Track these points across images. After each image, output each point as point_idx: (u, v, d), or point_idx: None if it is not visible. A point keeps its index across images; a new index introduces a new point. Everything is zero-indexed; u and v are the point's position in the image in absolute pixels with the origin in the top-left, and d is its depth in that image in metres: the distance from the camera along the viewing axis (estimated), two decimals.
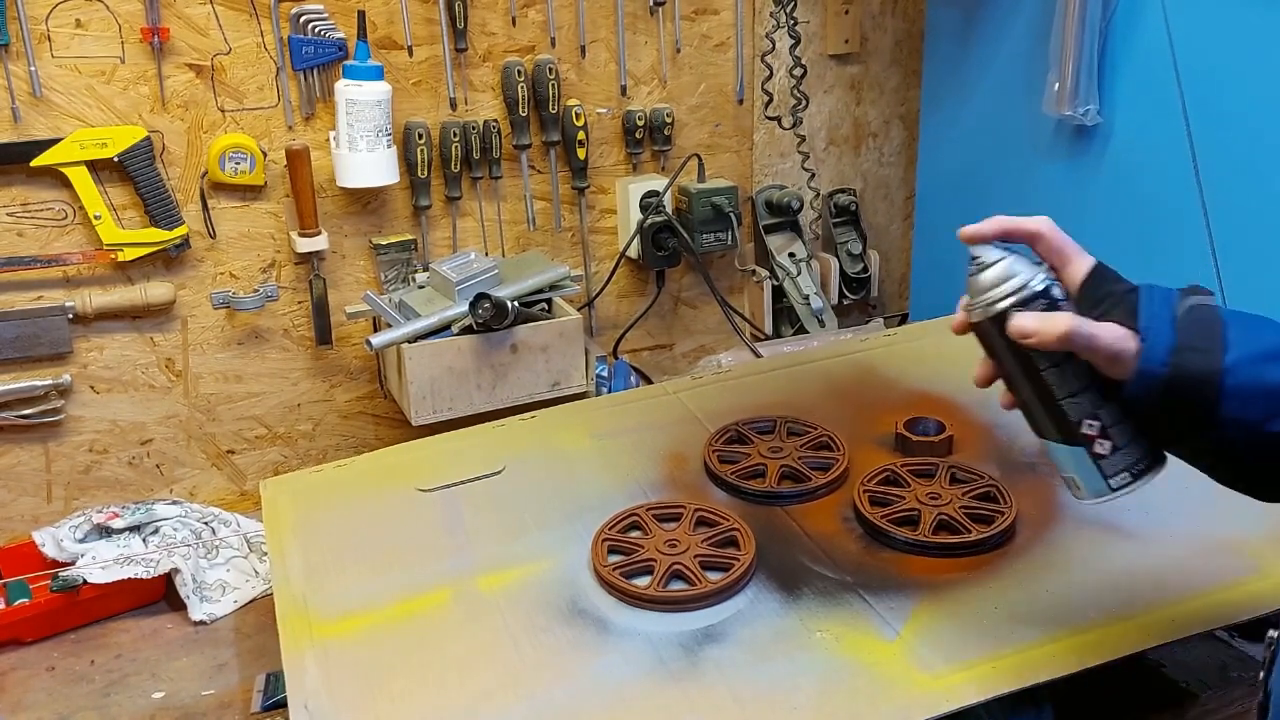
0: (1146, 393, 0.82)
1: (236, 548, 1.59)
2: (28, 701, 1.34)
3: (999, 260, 0.88)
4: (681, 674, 1.07)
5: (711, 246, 2.02)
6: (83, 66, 1.61)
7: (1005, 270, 0.87)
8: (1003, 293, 0.87)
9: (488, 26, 1.84)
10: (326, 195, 1.80)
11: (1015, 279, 0.86)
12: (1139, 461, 0.87)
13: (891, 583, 1.18)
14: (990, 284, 0.87)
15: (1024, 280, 0.86)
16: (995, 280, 0.87)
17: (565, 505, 1.36)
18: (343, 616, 1.20)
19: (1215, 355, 0.80)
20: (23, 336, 1.65)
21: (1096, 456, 0.87)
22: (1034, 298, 0.86)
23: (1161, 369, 0.81)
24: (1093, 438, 0.87)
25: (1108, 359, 0.83)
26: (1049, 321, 0.84)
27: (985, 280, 0.88)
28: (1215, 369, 0.80)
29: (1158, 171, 1.62)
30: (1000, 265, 0.87)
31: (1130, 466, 0.87)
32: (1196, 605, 1.11)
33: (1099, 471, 0.88)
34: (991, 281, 0.87)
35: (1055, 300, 0.86)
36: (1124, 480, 0.87)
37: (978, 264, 0.89)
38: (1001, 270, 0.87)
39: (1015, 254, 0.88)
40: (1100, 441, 0.87)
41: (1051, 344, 0.84)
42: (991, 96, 1.95)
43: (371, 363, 1.90)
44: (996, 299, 0.87)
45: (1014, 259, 0.88)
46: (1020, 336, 0.86)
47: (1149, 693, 1.24)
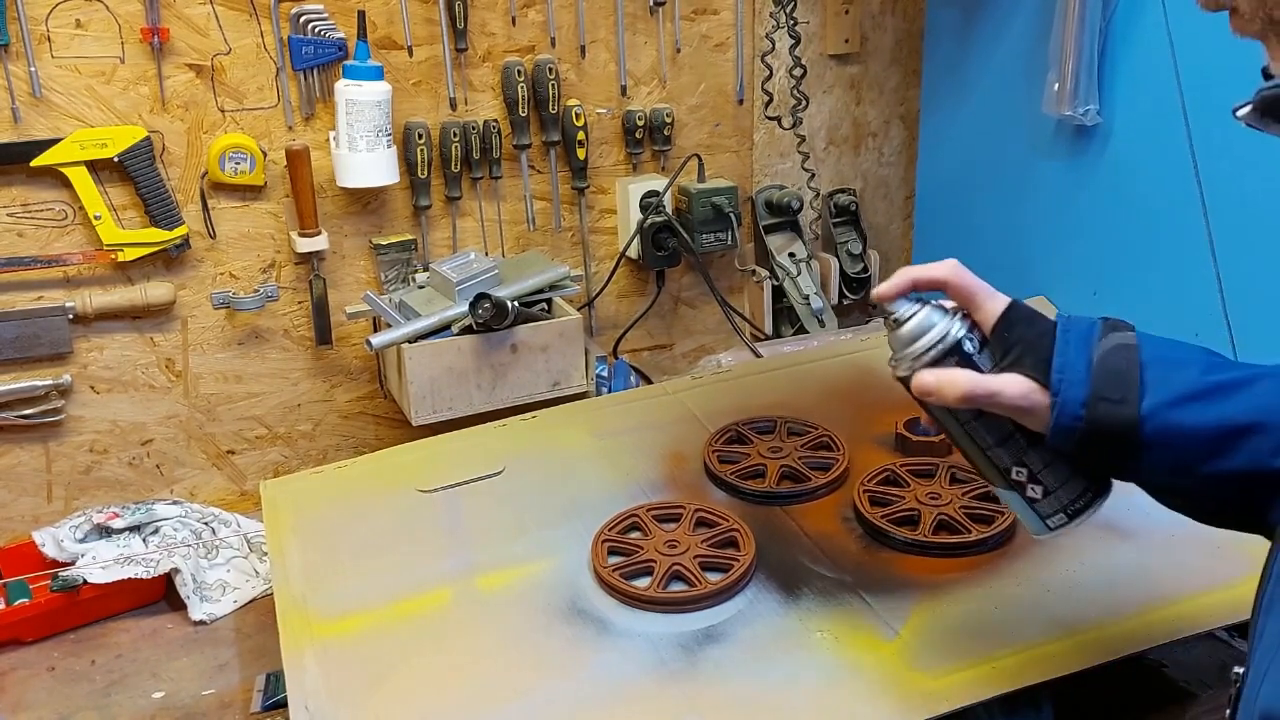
0: (1064, 443, 0.80)
1: (236, 548, 1.59)
2: (28, 701, 1.34)
3: (911, 317, 0.86)
4: (681, 674, 1.07)
5: (711, 246, 2.02)
6: (83, 67, 1.61)
7: (916, 327, 0.86)
8: (913, 351, 0.86)
9: (488, 26, 1.84)
10: (326, 195, 1.80)
11: (926, 336, 0.85)
12: (1075, 500, 0.85)
13: (891, 583, 1.18)
14: (904, 343, 0.87)
15: (935, 337, 0.85)
16: (908, 338, 0.86)
17: (565, 505, 1.36)
18: (343, 616, 1.20)
19: (1130, 404, 0.77)
20: (23, 336, 1.65)
21: (1030, 500, 0.86)
22: (946, 353, 0.84)
23: (1075, 423, 0.79)
24: (1023, 484, 0.86)
25: (1016, 413, 0.82)
26: (946, 381, 0.82)
27: (899, 338, 0.87)
28: (1131, 418, 0.77)
29: (1158, 171, 1.62)
30: (912, 322, 0.86)
31: (1065, 507, 0.85)
32: (1196, 605, 1.11)
33: (1036, 514, 0.87)
34: (905, 339, 0.86)
35: (967, 354, 0.84)
36: (1060, 520, 0.86)
37: (893, 320, 0.88)
38: (913, 328, 0.86)
39: (930, 305, 0.87)
40: (1031, 487, 0.85)
41: (952, 403, 0.83)
42: (991, 96, 1.95)
43: (371, 363, 1.90)
44: (910, 357, 0.86)
45: (926, 312, 0.86)
46: (923, 395, 0.85)
47: (1149, 693, 1.24)
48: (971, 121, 2.01)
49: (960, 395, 0.82)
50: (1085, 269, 1.77)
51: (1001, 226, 1.96)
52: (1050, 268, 1.84)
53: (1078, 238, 1.78)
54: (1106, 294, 1.73)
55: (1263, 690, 0.63)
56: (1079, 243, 1.78)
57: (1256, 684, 0.65)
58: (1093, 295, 1.75)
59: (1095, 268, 1.75)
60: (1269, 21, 0.68)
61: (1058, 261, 1.82)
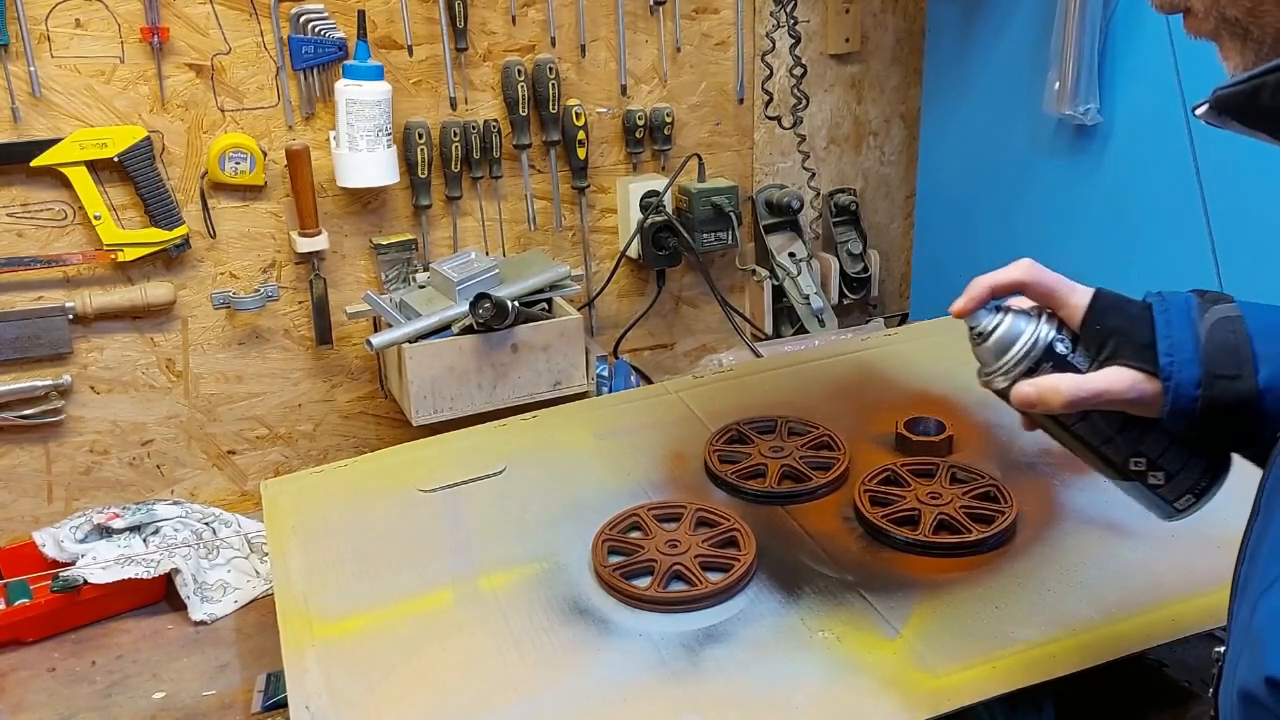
0: (1182, 427, 0.78)
1: (237, 548, 1.59)
2: (28, 702, 1.34)
3: (996, 328, 0.84)
4: (683, 674, 1.07)
5: (712, 246, 2.02)
6: (82, 66, 1.61)
7: (1002, 339, 0.84)
8: (1005, 364, 0.83)
9: (488, 26, 1.84)
10: (327, 195, 1.80)
11: (1015, 347, 0.83)
12: (1200, 479, 0.83)
13: (892, 582, 1.18)
14: (992, 355, 0.84)
15: (1024, 345, 0.82)
16: (996, 351, 0.84)
17: (566, 505, 1.36)
18: (344, 616, 1.20)
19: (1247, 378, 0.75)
20: (23, 337, 1.65)
21: (1153, 488, 0.84)
22: (1039, 360, 0.82)
23: (1192, 404, 0.76)
24: (1143, 472, 0.83)
25: (1127, 405, 0.79)
26: (1049, 389, 0.80)
27: (987, 351, 0.85)
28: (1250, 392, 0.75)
29: (1158, 171, 1.62)
30: (997, 334, 0.84)
31: (1191, 487, 0.83)
32: (1196, 605, 1.11)
33: (1162, 500, 0.85)
34: (993, 352, 0.84)
35: (1061, 356, 0.82)
36: (1188, 502, 0.84)
37: (976, 335, 0.85)
38: (999, 339, 0.84)
39: (1012, 312, 0.85)
40: (1152, 474, 0.83)
41: (1058, 411, 0.80)
42: (992, 95, 1.95)
43: (372, 363, 1.90)
44: (1003, 370, 0.84)
45: (1010, 320, 0.84)
46: (1025, 408, 0.82)
47: (1149, 693, 1.24)
48: (972, 120, 2.01)
49: (1064, 402, 0.79)
50: (1086, 268, 1.76)
51: (1002, 225, 1.96)
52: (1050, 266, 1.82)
53: (1078, 236, 1.78)
54: None
55: (1240, 669, 0.63)
56: (1079, 241, 1.78)
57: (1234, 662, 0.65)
58: None
59: (1095, 266, 1.75)
60: (1222, 20, 0.67)
61: (1058, 260, 1.79)
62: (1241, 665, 0.63)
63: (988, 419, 1.49)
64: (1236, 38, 0.67)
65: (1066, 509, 1.28)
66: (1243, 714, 0.62)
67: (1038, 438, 1.42)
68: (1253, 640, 0.62)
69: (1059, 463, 1.38)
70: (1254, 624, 0.63)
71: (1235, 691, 0.62)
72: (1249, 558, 0.69)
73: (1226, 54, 0.69)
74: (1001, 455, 1.40)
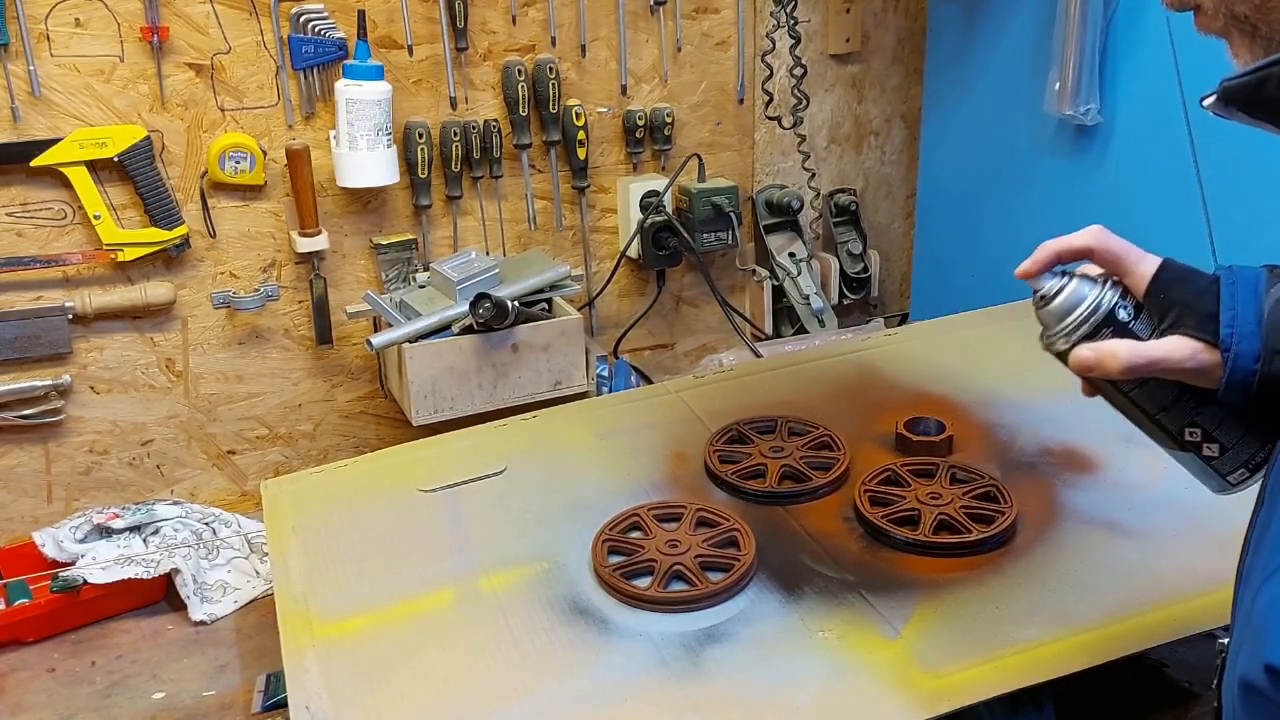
0: (1240, 399, 0.77)
1: (237, 548, 1.59)
2: (28, 703, 1.34)
3: (1059, 292, 0.84)
4: (684, 674, 1.07)
5: (712, 246, 2.02)
6: (82, 66, 1.61)
7: (1066, 302, 0.84)
8: (1068, 327, 0.83)
9: (488, 25, 1.84)
10: (327, 195, 1.80)
11: (1077, 310, 0.83)
12: (1256, 454, 0.83)
13: (892, 582, 1.18)
14: (1056, 318, 0.84)
15: (1087, 310, 0.82)
16: (1059, 314, 0.84)
17: (566, 505, 1.36)
18: (344, 617, 1.20)
19: None
20: (22, 337, 1.65)
21: (1207, 459, 0.84)
22: (1100, 325, 0.82)
23: (1250, 377, 0.76)
24: (1198, 444, 0.84)
25: (1185, 375, 0.79)
26: (1106, 354, 0.80)
27: (1050, 315, 0.85)
28: None
29: (1158, 171, 1.62)
30: (1061, 296, 0.84)
31: (1246, 461, 0.83)
32: (1196, 605, 1.11)
33: (1215, 472, 0.85)
34: (1055, 316, 0.84)
35: (1122, 323, 0.82)
36: (1242, 475, 0.84)
37: (1040, 297, 0.85)
38: (1062, 302, 0.84)
39: (1077, 276, 0.85)
40: (1207, 445, 0.83)
41: (1115, 376, 0.81)
42: (993, 95, 1.95)
43: (372, 362, 1.90)
44: (1064, 333, 0.84)
45: (1075, 285, 0.84)
46: (1084, 372, 0.83)
47: (1149, 693, 1.24)
48: (973, 120, 2.01)
49: (1122, 368, 0.79)
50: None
51: (1003, 225, 1.96)
52: None
53: None
54: None
55: (1240, 659, 0.63)
56: None
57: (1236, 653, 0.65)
58: None
59: None
60: (1231, 17, 0.68)
61: None
62: (1242, 655, 0.63)
63: (988, 419, 1.49)
64: (1245, 34, 0.68)
65: (1067, 509, 1.28)
66: (1243, 704, 0.62)
67: (1038, 438, 1.42)
68: (1254, 629, 0.62)
69: (1059, 463, 1.38)
70: (1255, 613, 0.63)
71: (1236, 681, 0.62)
72: (1253, 548, 0.69)
73: (1236, 51, 0.70)
74: (1001, 455, 1.40)
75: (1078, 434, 1.42)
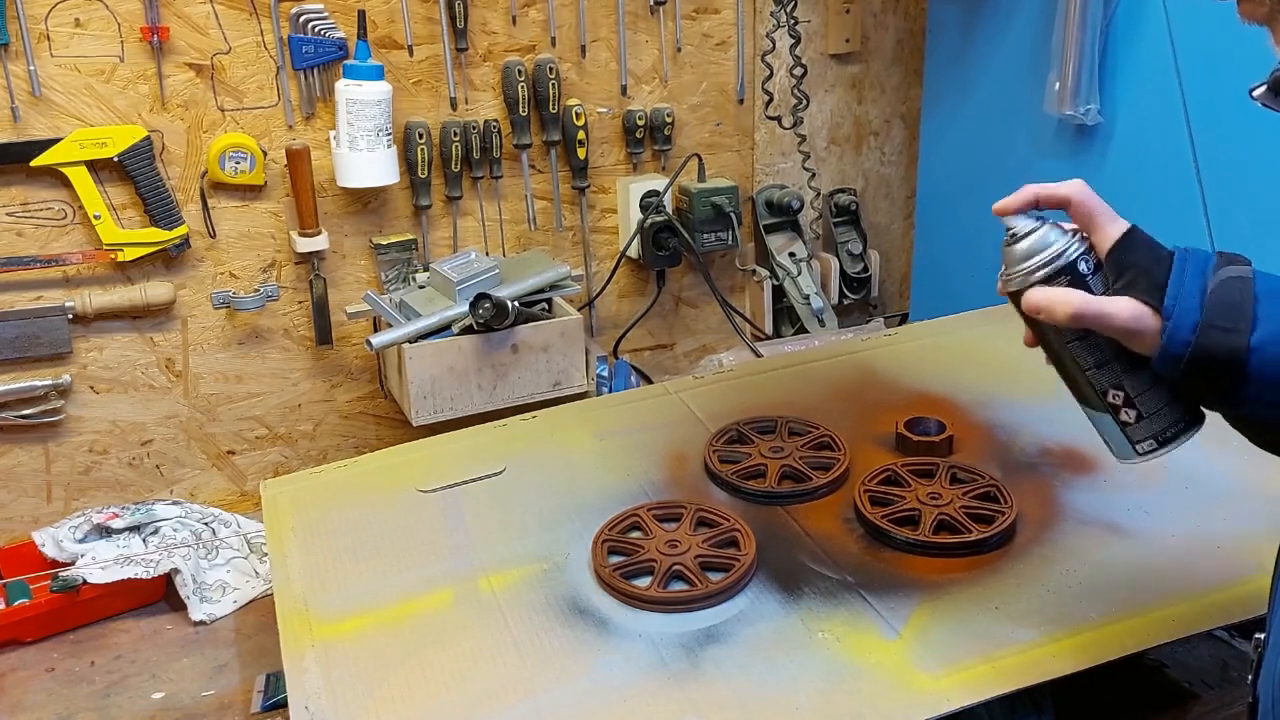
0: (1170, 369, 0.80)
1: (236, 548, 1.59)
2: (28, 702, 1.34)
3: (1030, 232, 0.87)
4: (683, 674, 1.07)
5: (712, 246, 2.02)
6: (82, 66, 1.61)
7: (1033, 244, 0.86)
8: (1027, 267, 0.86)
9: (488, 26, 1.84)
10: (327, 195, 1.80)
11: (1042, 253, 0.85)
12: (1168, 429, 0.86)
13: (892, 583, 1.18)
14: (1018, 258, 0.87)
15: (1051, 254, 0.85)
16: (1023, 254, 0.86)
17: (566, 505, 1.36)
18: (343, 617, 1.20)
19: (1241, 334, 0.77)
20: (23, 336, 1.65)
21: (1122, 424, 0.87)
22: (1059, 272, 0.85)
23: (1183, 348, 0.78)
24: (1118, 407, 0.86)
25: (1125, 335, 0.82)
26: (1059, 300, 0.82)
27: (1014, 253, 0.87)
28: (1240, 348, 0.77)
29: (1158, 171, 1.62)
30: (1030, 238, 0.86)
31: (1158, 434, 0.86)
32: (1196, 605, 1.11)
33: (1126, 438, 0.87)
34: (1020, 255, 0.86)
35: (1080, 274, 0.85)
36: (1150, 446, 0.87)
37: (1010, 235, 0.88)
38: (1030, 244, 0.86)
39: (1050, 224, 0.87)
40: (1125, 410, 0.86)
41: (1061, 322, 0.83)
42: (993, 95, 1.95)
43: (372, 363, 1.90)
44: (1023, 273, 0.86)
45: (1045, 229, 0.86)
46: (1032, 312, 0.85)
47: (1149, 693, 1.24)
48: (973, 121, 2.01)
49: (1070, 314, 0.82)
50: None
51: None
52: None
53: None
54: None
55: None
56: None
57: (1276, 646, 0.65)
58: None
59: None
60: (1277, 4, 0.68)
61: None
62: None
63: (988, 419, 1.49)
64: None
65: (1066, 509, 1.28)
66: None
67: (1038, 438, 1.42)
68: None
69: (1059, 463, 1.38)
70: None
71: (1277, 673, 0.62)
72: None
73: (1279, 38, 0.70)
74: (1001, 455, 1.40)
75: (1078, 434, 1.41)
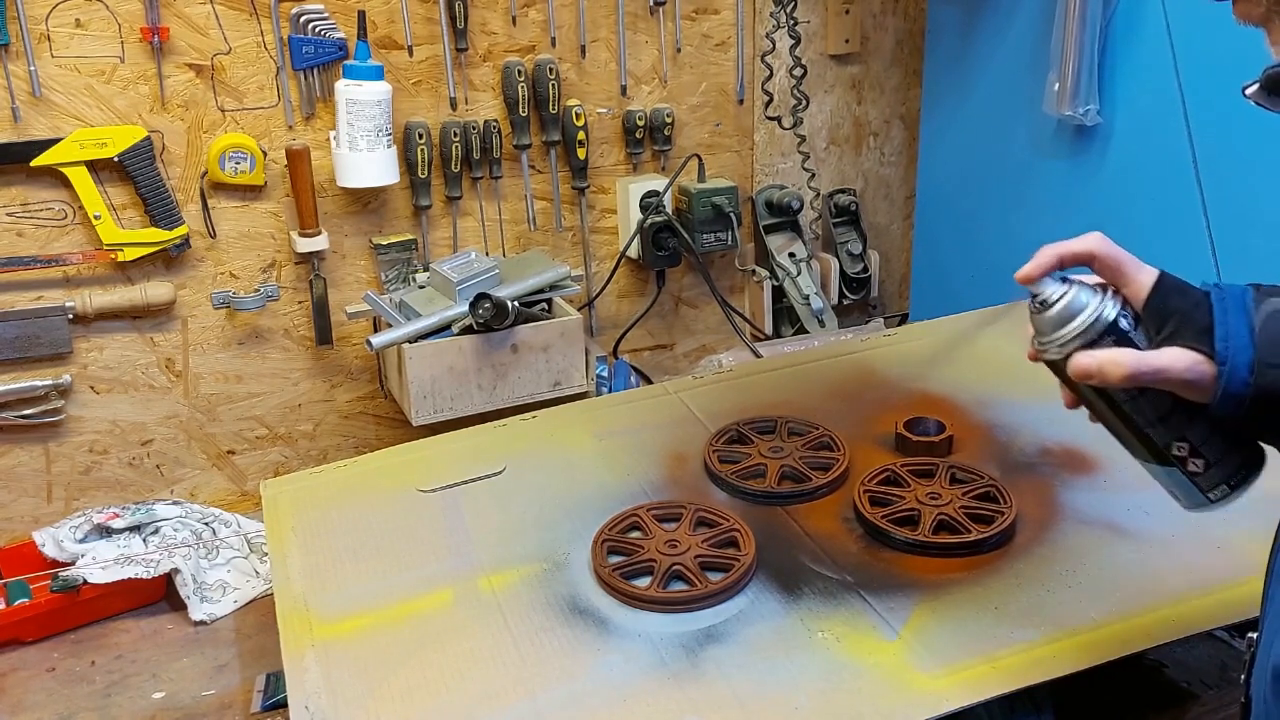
0: (1232, 411, 0.78)
1: (237, 548, 1.59)
2: (28, 702, 1.34)
3: (1060, 298, 0.83)
4: (682, 674, 1.07)
5: (712, 246, 2.02)
6: (82, 66, 1.61)
7: (1066, 308, 0.83)
8: (1067, 335, 0.82)
9: (488, 26, 1.84)
10: (327, 195, 1.80)
11: (1079, 318, 0.82)
12: (1237, 472, 0.83)
13: (892, 583, 1.18)
14: (1054, 325, 0.83)
15: (1088, 318, 0.82)
16: (1058, 321, 0.83)
17: (566, 505, 1.36)
18: (343, 616, 1.20)
19: None
20: (23, 336, 1.65)
21: (1191, 475, 0.84)
22: (1101, 334, 0.81)
23: (1243, 389, 0.76)
24: (1184, 458, 0.83)
25: (1181, 386, 0.79)
26: (1111, 363, 0.80)
27: (1048, 321, 0.84)
28: None
29: (1158, 171, 1.62)
30: (1061, 303, 0.83)
31: (1228, 479, 0.83)
32: (1196, 605, 1.11)
33: (1196, 488, 0.85)
34: (1054, 322, 0.83)
35: (1123, 332, 0.81)
36: (1223, 492, 0.84)
37: (1040, 302, 0.84)
38: (1063, 309, 0.83)
39: (1077, 284, 0.84)
40: (1193, 461, 0.83)
41: (1116, 383, 0.80)
42: (992, 96, 1.95)
43: (372, 363, 1.90)
44: (1061, 340, 0.83)
45: (1075, 292, 0.83)
46: (1083, 379, 0.82)
47: (1149, 693, 1.24)
48: (972, 121, 2.01)
49: (1125, 374, 0.79)
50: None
51: (1002, 226, 1.96)
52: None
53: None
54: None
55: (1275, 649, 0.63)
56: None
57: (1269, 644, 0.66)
58: None
59: None
60: (1274, 4, 0.69)
61: None
62: (1276, 645, 0.63)
63: (988, 419, 1.49)
64: None
65: (1066, 509, 1.28)
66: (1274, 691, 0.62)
67: (1037, 438, 1.42)
68: None
69: (1059, 463, 1.38)
70: None
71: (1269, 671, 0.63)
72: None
73: (1275, 39, 0.71)
74: (1001, 455, 1.40)
75: (1078, 434, 1.42)
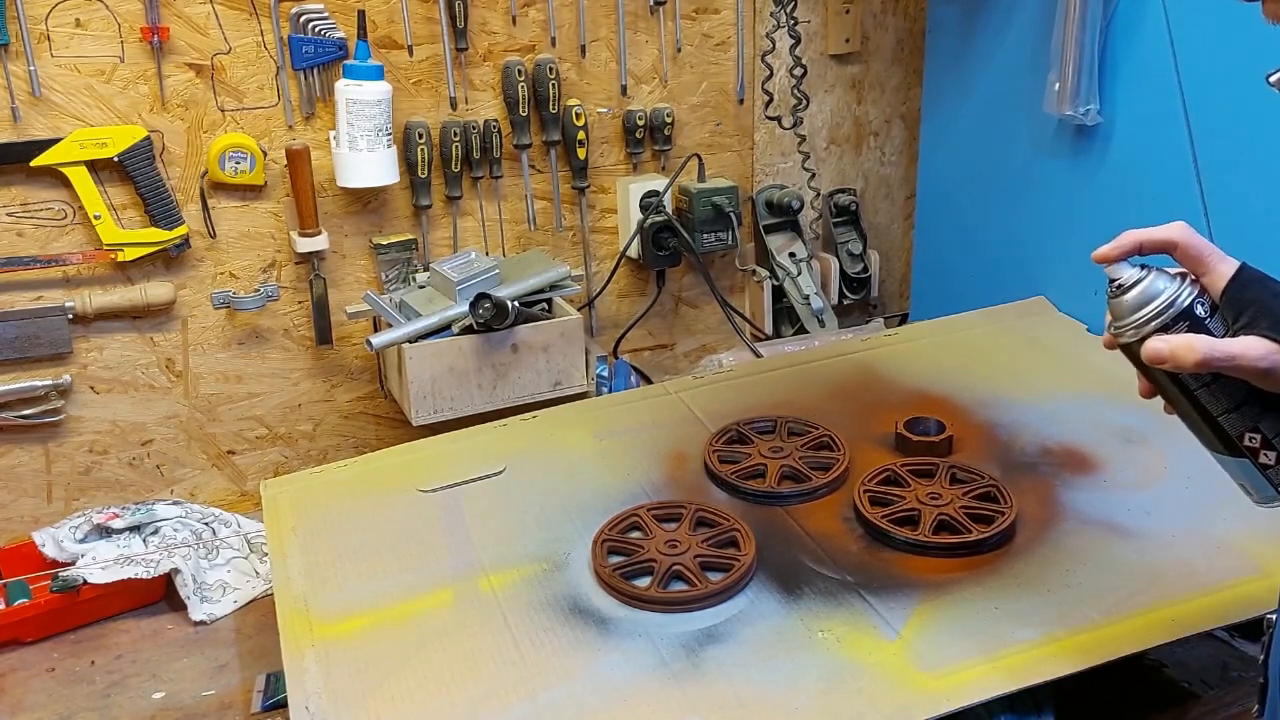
0: None
1: (237, 548, 1.59)
2: (28, 702, 1.34)
3: (1137, 282, 0.83)
4: (683, 674, 1.07)
5: (712, 246, 2.02)
6: (82, 66, 1.61)
7: (1143, 293, 0.82)
8: (1142, 318, 0.82)
9: (488, 26, 1.84)
10: (327, 195, 1.80)
11: (1154, 302, 0.82)
12: None
13: (892, 583, 1.18)
14: (1130, 309, 0.83)
15: (1164, 302, 0.81)
16: (1134, 305, 0.83)
17: (566, 505, 1.36)
18: (343, 616, 1.20)
19: None
20: (23, 336, 1.65)
21: (1263, 467, 0.83)
22: (1176, 319, 0.81)
23: None
24: (1255, 449, 0.83)
25: (1256, 375, 0.79)
26: (1184, 347, 0.79)
27: (1125, 305, 0.83)
28: None
29: (1158, 171, 1.62)
30: (1138, 288, 0.83)
31: None
32: (1196, 605, 1.11)
33: (1268, 481, 0.84)
34: (1131, 306, 0.83)
35: (1199, 319, 0.81)
36: None
37: (1116, 286, 0.84)
38: (1139, 293, 0.83)
39: (1155, 269, 0.84)
40: (1265, 452, 0.83)
41: (1188, 368, 0.80)
42: (993, 96, 1.95)
43: (372, 363, 1.90)
44: (1136, 324, 0.82)
45: (1153, 277, 0.83)
46: (1156, 363, 0.81)
47: (1149, 693, 1.24)
48: (973, 121, 2.01)
49: (1198, 360, 0.78)
50: (1085, 268, 1.75)
51: (1002, 226, 1.96)
52: (1050, 267, 1.83)
53: (1078, 237, 1.78)
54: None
55: None
56: (1079, 242, 1.78)
57: None
58: (1094, 295, 1.75)
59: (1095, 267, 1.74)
60: None
61: (1058, 261, 1.82)
62: None
63: (988, 419, 1.49)
64: None
65: (1066, 509, 1.28)
66: None
67: (1038, 438, 1.42)
68: None
69: (1059, 463, 1.38)
70: None
71: None
72: None
73: None
74: (1001, 455, 1.40)
75: (1078, 434, 1.42)
